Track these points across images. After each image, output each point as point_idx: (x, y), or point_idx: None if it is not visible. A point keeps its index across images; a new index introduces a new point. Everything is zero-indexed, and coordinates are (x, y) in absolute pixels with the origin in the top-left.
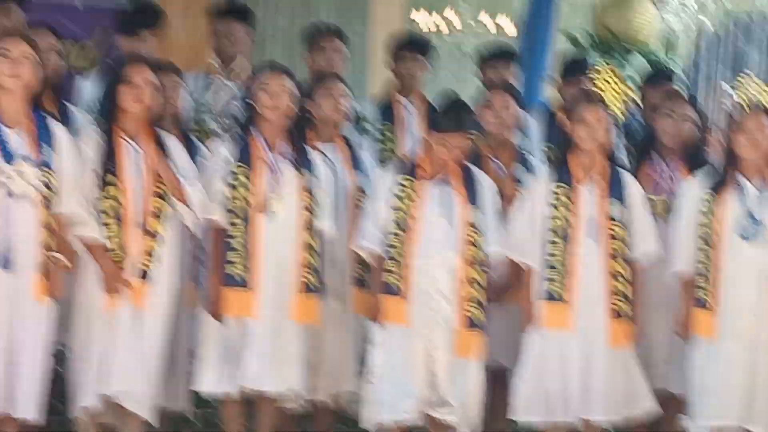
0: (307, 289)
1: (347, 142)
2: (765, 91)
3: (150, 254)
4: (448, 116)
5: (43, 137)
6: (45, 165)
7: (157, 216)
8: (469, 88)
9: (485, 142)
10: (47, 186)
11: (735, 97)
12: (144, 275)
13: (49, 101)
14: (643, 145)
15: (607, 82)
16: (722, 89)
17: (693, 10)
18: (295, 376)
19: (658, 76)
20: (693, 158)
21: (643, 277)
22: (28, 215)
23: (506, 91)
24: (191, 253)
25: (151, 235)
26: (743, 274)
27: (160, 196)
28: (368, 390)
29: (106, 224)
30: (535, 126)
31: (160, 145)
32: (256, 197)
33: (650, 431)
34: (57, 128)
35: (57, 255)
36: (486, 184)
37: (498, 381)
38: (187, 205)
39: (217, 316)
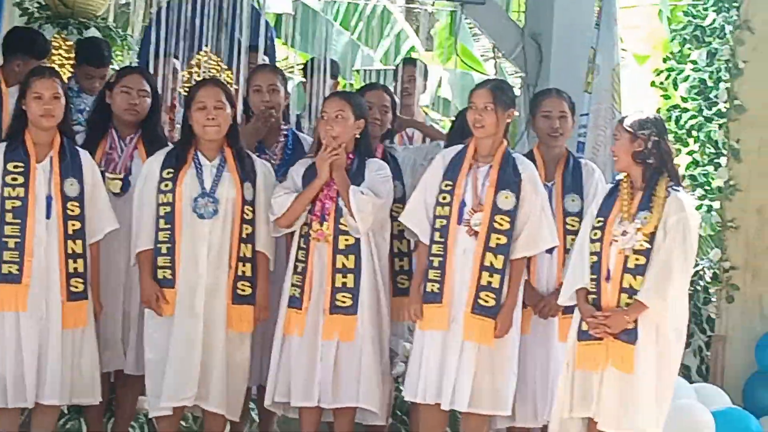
0: None
1: None
2: (221, 67)
3: None
4: None
5: None
6: None
7: None
8: None
9: None
10: None
11: (186, 71)
12: None
13: None
14: (97, 120)
15: (62, 56)
16: (173, 64)
17: None
18: None
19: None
20: (149, 134)
21: (98, 256)
22: None
23: None
24: None
25: None
26: (199, 250)
27: None
28: None
29: None
30: None
31: None
32: None
33: None
34: None
35: None
36: None
37: None
38: None
39: None
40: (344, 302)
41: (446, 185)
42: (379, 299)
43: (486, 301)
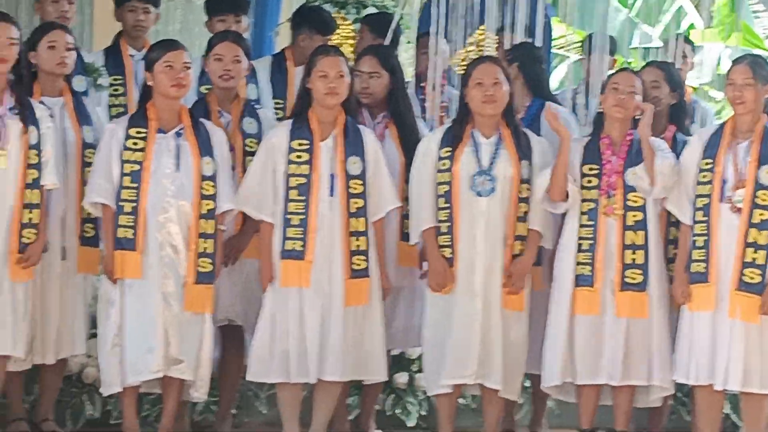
0: (21, 249)
1: (74, 95)
2: (498, 45)
3: None
4: (163, 45)
5: None
6: None
7: None
8: (201, 40)
9: (214, 94)
10: None
11: (463, 49)
12: None
13: None
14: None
15: (341, 35)
16: (443, 46)
17: None
18: (19, 338)
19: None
20: (395, 113)
21: (382, 234)
22: None
23: (235, 42)
24: None
25: None
26: (477, 229)
27: None
28: (105, 351)
29: None
30: (266, 79)
31: None
32: None
33: None
34: None
35: None
36: (217, 136)
37: (231, 339)
38: None
39: None
40: (634, 279)
41: (706, 164)
42: (662, 276)
43: (751, 278)
